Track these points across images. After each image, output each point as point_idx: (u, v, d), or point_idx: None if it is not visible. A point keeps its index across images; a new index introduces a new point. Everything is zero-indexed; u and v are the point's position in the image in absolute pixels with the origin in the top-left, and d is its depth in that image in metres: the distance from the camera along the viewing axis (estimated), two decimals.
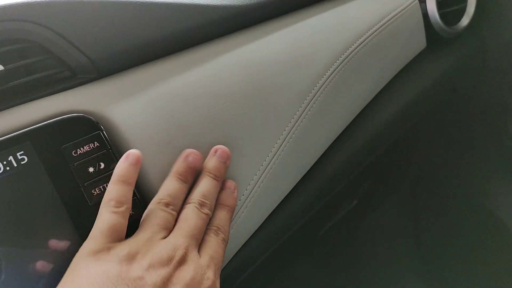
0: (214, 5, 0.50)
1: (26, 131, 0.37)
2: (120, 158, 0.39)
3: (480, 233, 0.90)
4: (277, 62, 0.51)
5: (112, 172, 0.38)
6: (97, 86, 0.43)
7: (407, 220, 0.95)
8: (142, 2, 0.46)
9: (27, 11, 0.40)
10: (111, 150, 0.40)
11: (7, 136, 0.36)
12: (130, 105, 0.43)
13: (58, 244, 0.36)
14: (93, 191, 0.38)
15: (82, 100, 0.41)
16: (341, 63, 0.55)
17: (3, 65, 0.38)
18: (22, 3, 0.40)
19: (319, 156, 0.55)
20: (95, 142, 0.39)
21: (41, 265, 0.36)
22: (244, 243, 0.46)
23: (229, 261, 0.45)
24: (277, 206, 0.51)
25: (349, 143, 0.60)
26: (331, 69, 0.54)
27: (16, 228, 0.35)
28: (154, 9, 0.46)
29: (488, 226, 0.89)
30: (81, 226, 0.37)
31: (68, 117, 0.39)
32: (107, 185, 0.38)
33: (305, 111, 0.51)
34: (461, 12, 0.73)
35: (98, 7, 0.44)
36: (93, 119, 0.40)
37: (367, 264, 0.87)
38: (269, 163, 0.48)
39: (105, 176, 0.39)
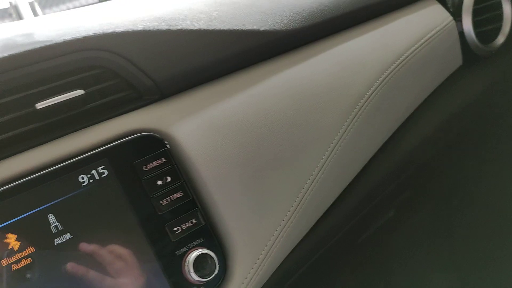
0: (263, 30, 0.54)
1: (106, 148, 0.42)
2: (183, 173, 0.44)
3: None
4: (321, 83, 0.55)
5: (178, 185, 0.43)
6: (160, 106, 0.48)
7: (441, 231, 0.97)
8: (199, 30, 0.51)
9: (103, 41, 0.45)
10: (176, 166, 0.44)
11: (90, 153, 0.41)
12: (190, 123, 0.47)
13: (126, 247, 0.41)
14: (161, 202, 0.43)
15: (148, 119, 0.46)
16: (381, 82, 0.59)
17: (84, 89, 0.43)
18: (99, 34, 0.45)
19: (360, 169, 0.58)
20: (162, 158, 0.44)
21: (109, 268, 0.40)
22: (292, 250, 0.50)
23: (277, 267, 0.48)
24: (321, 216, 0.54)
25: (388, 157, 0.63)
26: (372, 89, 0.58)
27: (92, 232, 0.40)
28: (210, 35, 0.51)
29: None
30: (150, 234, 0.42)
31: (139, 136, 0.44)
32: (173, 197, 0.43)
33: (348, 128, 0.55)
34: (497, 30, 0.75)
35: (161, 35, 0.49)
36: (159, 137, 0.45)
37: (400, 273, 0.89)
38: (315, 177, 0.51)
39: (171, 189, 0.43)
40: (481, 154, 0.84)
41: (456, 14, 0.71)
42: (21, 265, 0.37)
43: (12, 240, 0.37)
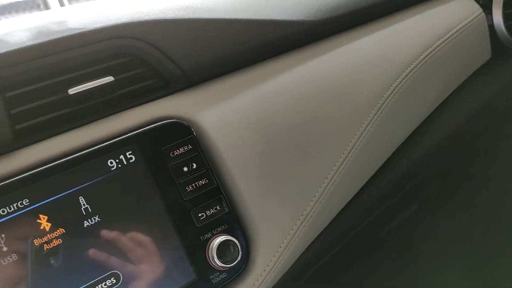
0: (289, 20, 0.54)
1: (134, 134, 0.43)
2: (209, 160, 0.45)
3: None
4: (346, 75, 0.55)
5: (203, 172, 0.44)
6: (187, 94, 0.48)
7: (462, 227, 0.96)
8: (226, 19, 0.51)
9: (133, 29, 0.46)
10: (201, 153, 0.45)
11: (119, 138, 0.42)
12: (216, 111, 0.48)
13: (152, 231, 0.42)
14: (187, 188, 0.43)
15: (175, 107, 0.47)
16: (408, 75, 0.58)
17: (113, 76, 0.44)
18: (129, 22, 0.46)
19: (383, 162, 0.58)
20: (189, 145, 0.44)
21: (135, 251, 0.41)
22: (314, 240, 0.50)
23: (300, 256, 0.49)
24: (343, 207, 0.54)
25: (412, 151, 0.62)
26: (398, 81, 0.57)
27: (120, 215, 0.41)
28: (236, 25, 0.51)
29: None
30: (175, 218, 0.43)
31: (166, 123, 0.45)
32: (198, 184, 0.44)
33: (372, 121, 0.55)
34: None
35: (190, 24, 0.49)
36: (186, 124, 0.45)
37: (421, 268, 0.89)
38: (338, 169, 0.52)
39: (197, 175, 0.44)
40: (507, 149, 0.83)
41: (486, 6, 0.69)
42: (52, 245, 0.38)
43: (43, 221, 0.38)
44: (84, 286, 0.38)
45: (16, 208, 0.37)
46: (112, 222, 0.40)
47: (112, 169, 0.41)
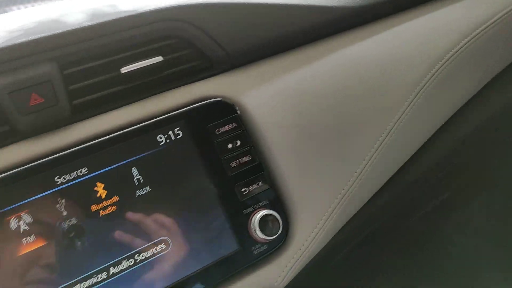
0: (331, 6, 0.55)
1: (182, 111, 0.45)
2: (252, 138, 0.47)
3: None
4: (385, 61, 0.56)
5: (247, 149, 0.46)
6: (231, 75, 0.50)
7: (495, 220, 0.95)
8: (270, 4, 0.52)
9: (181, 12, 0.48)
10: (245, 131, 0.47)
11: (168, 114, 0.44)
12: (258, 92, 0.50)
13: (198, 203, 0.44)
14: (231, 164, 0.45)
15: (219, 87, 0.49)
16: (445, 62, 0.59)
17: (162, 57, 0.46)
18: (178, 5, 0.48)
19: (420, 145, 0.59)
20: (233, 123, 0.47)
21: (182, 219, 0.43)
22: (351, 218, 0.52)
23: (337, 232, 0.50)
24: (374, 194, 0.55)
25: (446, 139, 0.63)
26: (436, 67, 0.58)
27: (168, 187, 0.43)
28: (279, 10, 0.53)
29: None
30: (220, 192, 0.45)
31: (213, 101, 0.47)
32: (242, 160, 0.46)
33: (409, 106, 0.55)
34: None
35: (234, 8, 0.51)
36: (231, 103, 0.47)
37: (447, 259, 0.89)
38: (375, 151, 0.53)
39: (241, 152, 0.46)
40: None
41: None
42: (107, 212, 0.41)
43: (100, 189, 0.41)
44: (136, 250, 0.41)
45: (76, 175, 0.40)
46: (161, 192, 0.43)
47: (161, 143, 0.43)
